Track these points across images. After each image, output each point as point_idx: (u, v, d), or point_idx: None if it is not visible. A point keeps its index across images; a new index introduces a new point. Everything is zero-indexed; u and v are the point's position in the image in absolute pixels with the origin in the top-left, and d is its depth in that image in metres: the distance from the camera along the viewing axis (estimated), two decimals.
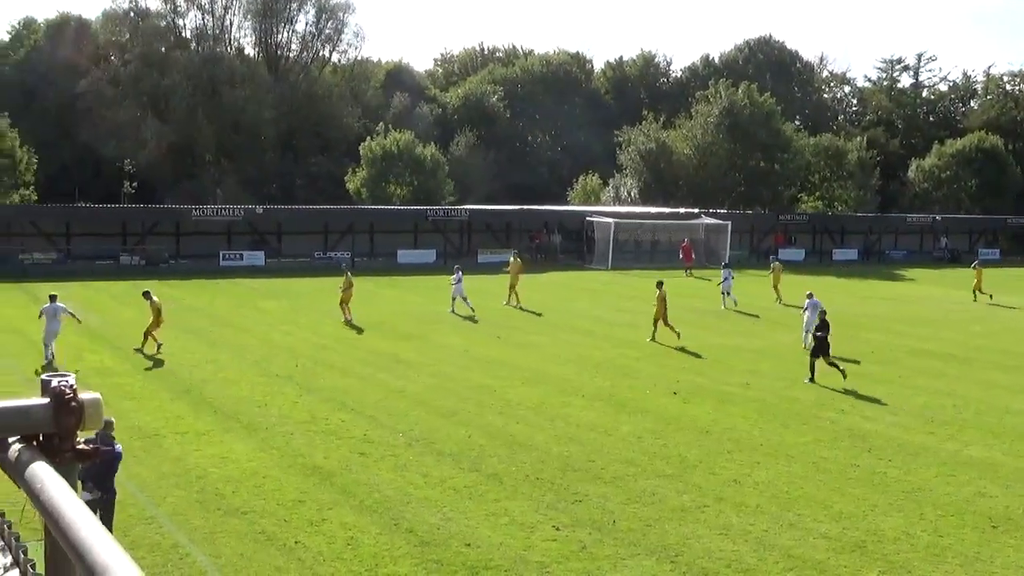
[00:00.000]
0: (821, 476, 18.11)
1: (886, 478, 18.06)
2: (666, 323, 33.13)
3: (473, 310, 38.30)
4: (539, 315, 38.97)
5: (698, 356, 30.45)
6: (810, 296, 32.75)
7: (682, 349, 31.65)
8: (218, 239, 58.95)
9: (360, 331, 34.21)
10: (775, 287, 44.83)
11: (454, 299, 39.04)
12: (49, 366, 27.23)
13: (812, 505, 16.47)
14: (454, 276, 39.35)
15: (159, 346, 29.37)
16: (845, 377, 26.35)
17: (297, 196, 79.73)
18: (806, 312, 32.01)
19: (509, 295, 41.77)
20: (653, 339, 32.94)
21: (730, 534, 15.08)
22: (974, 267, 48.47)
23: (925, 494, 17.16)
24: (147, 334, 29.61)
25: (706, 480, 17.77)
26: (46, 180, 72.16)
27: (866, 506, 16.48)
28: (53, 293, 29.55)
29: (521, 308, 40.65)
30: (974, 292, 46.64)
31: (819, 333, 26.93)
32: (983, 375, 28.31)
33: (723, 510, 16.14)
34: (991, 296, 46.38)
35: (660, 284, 33.90)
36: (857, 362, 29.97)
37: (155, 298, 30.12)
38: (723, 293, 42.75)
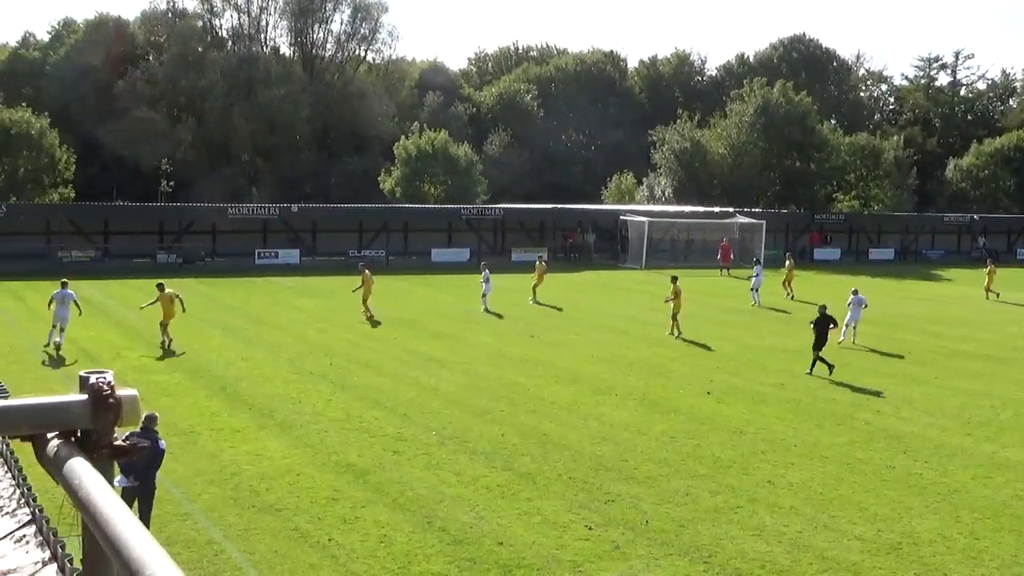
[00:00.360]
0: (856, 477, 17.98)
1: (922, 480, 17.91)
2: (674, 317, 33.99)
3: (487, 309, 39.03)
4: (572, 314, 38.94)
5: (732, 356, 30.31)
6: (855, 292, 33.47)
7: (710, 348, 31.55)
8: (254, 237, 59.34)
9: (392, 329, 34.31)
10: (786, 283, 45.89)
11: (485, 297, 39.66)
12: (56, 350, 28.10)
13: (847, 507, 16.36)
14: (483, 274, 40.00)
15: (168, 341, 29.90)
16: (828, 371, 27.26)
17: (332, 195, 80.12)
18: (850, 307, 32.67)
19: (533, 294, 42.59)
20: (679, 335, 33.43)
21: (764, 535, 15.01)
22: (988, 269, 48.33)
23: (962, 496, 17.00)
24: (163, 327, 30.08)
25: (740, 481, 17.69)
26: (84, 179, 72.91)
27: (902, 508, 16.35)
28: (64, 280, 30.39)
29: (538, 303, 41.44)
30: (987, 290, 47.09)
31: (817, 327, 27.97)
32: (1021, 376, 27.99)
33: (757, 511, 16.07)
34: (998, 295, 46.59)
35: (674, 279, 34.92)
36: (901, 357, 29.81)
37: (168, 290, 30.57)
38: (752, 290, 43.29)
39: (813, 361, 27.69)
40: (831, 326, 28.35)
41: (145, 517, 13.49)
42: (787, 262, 48.16)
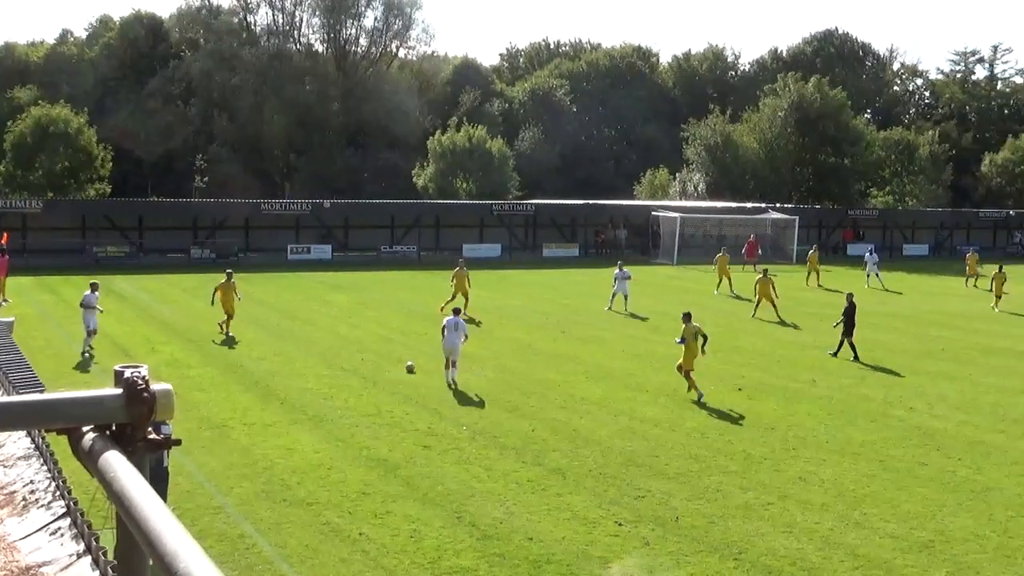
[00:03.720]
0: (888, 475, 17.88)
1: (955, 477, 17.78)
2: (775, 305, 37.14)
3: (614, 308, 38.06)
4: (602, 310, 38.83)
5: (763, 353, 30.17)
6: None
7: (741, 344, 31.42)
8: (286, 233, 59.68)
9: (422, 325, 34.36)
10: (813, 273, 49.07)
11: (624, 296, 38.20)
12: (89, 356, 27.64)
13: (879, 504, 16.27)
14: (623, 272, 38.55)
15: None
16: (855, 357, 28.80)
17: (364, 190, 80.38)
18: None
19: (720, 284, 45.01)
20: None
21: (794, 532, 14.95)
22: (968, 257, 52.01)
23: (995, 494, 16.86)
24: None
25: (771, 477, 17.63)
26: (119, 175, 73.60)
27: (934, 506, 16.24)
28: (94, 282, 30.02)
29: (737, 296, 43.34)
30: (967, 280, 50.01)
31: (844, 317, 29.62)
32: None
33: (788, 508, 16.01)
34: (976, 284, 49.08)
35: (765, 272, 38.82)
36: (935, 354, 29.56)
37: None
38: (869, 274, 48.44)
39: (840, 344, 29.37)
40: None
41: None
42: (811, 253, 51.00)
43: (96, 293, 28.72)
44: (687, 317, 24.47)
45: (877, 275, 48.49)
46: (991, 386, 25.71)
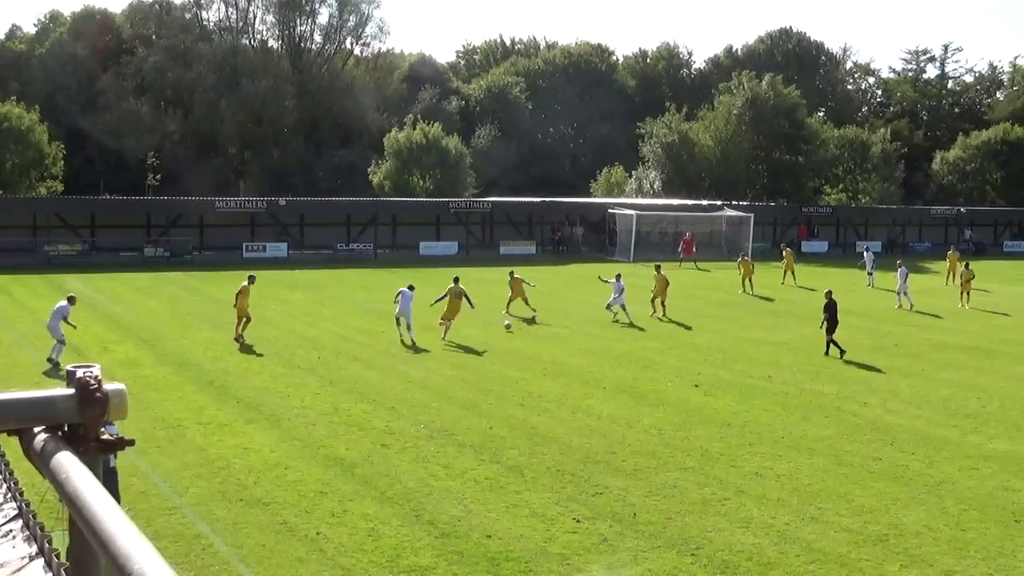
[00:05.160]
0: (843, 469, 18.04)
1: (908, 471, 17.97)
2: (655, 301, 36.76)
3: (627, 318, 36.16)
4: (560, 307, 38.92)
5: (719, 349, 30.36)
6: (900, 265, 41.28)
7: (697, 341, 31.60)
8: (241, 231, 59.19)
9: (379, 323, 34.25)
10: (789, 272, 49.03)
11: (622, 307, 36.23)
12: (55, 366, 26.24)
13: (834, 498, 16.41)
14: (619, 283, 36.56)
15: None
16: (842, 354, 28.97)
17: (320, 188, 79.97)
18: (899, 280, 40.43)
19: (744, 285, 45.12)
20: (654, 314, 36.45)
21: (751, 527, 15.05)
22: (949, 255, 51.76)
23: (948, 488, 17.07)
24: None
25: (727, 473, 17.73)
26: (71, 172, 72.67)
27: (888, 499, 16.41)
28: (72, 295, 28.73)
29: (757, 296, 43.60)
30: (947, 278, 49.80)
31: (827, 314, 29.71)
32: (1008, 368, 28.10)
33: (744, 503, 16.11)
34: (948, 281, 49.33)
35: (658, 267, 38.11)
36: (888, 349, 29.87)
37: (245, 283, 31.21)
38: (872, 272, 49.17)
39: (828, 344, 29.36)
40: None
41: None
42: (786, 252, 50.98)
43: (70, 305, 27.22)
44: (456, 280, 32.42)
45: (871, 273, 49.13)
46: (943, 381, 26.04)
